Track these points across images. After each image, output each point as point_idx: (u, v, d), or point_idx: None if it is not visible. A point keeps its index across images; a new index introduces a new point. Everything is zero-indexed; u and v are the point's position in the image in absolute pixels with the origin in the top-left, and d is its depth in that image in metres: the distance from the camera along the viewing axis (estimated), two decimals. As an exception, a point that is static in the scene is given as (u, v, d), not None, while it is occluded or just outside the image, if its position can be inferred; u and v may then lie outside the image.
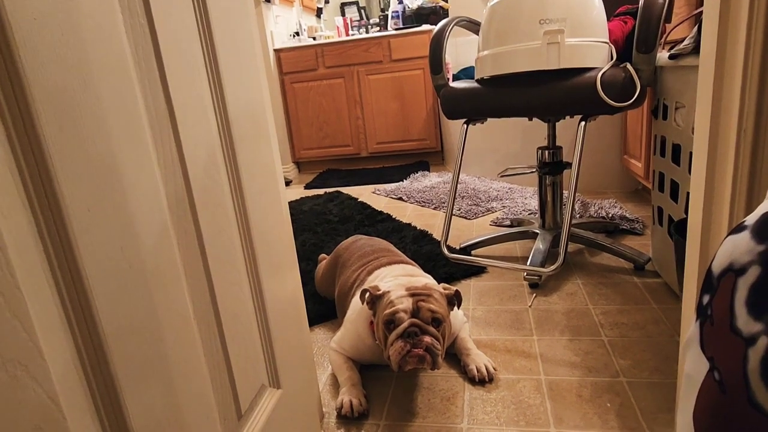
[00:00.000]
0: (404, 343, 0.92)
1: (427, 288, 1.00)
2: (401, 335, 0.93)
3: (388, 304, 0.96)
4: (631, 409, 0.93)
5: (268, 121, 0.74)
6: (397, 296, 0.96)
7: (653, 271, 1.49)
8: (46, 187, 0.34)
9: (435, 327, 0.95)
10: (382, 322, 0.96)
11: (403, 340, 0.92)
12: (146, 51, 0.46)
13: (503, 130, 2.71)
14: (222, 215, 0.59)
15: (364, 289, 1.02)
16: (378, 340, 1.01)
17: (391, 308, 0.94)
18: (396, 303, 0.95)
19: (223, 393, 0.58)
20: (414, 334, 0.93)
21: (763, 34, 0.58)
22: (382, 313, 0.97)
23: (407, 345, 0.92)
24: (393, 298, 0.96)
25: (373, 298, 1.01)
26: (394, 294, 0.97)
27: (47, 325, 0.34)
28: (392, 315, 0.94)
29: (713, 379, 0.32)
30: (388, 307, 0.95)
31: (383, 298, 0.99)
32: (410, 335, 0.92)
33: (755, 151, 0.61)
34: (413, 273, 1.14)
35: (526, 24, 1.30)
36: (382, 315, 0.96)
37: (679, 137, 1.23)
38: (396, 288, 0.99)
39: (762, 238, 0.30)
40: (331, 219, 2.31)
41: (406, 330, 0.93)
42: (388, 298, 0.97)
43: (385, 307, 0.97)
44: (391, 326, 0.95)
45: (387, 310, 0.95)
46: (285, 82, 3.56)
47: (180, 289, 0.49)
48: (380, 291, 1.00)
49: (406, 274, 1.11)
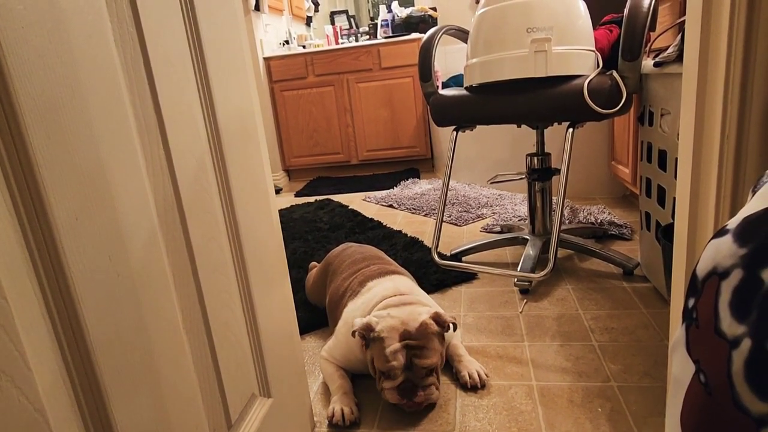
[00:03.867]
0: (400, 397, 0.95)
1: (422, 333, 0.96)
2: (396, 387, 0.95)
3: (383, 356, 0.95)
4: (622, 414, 0.93)
5: (257, 128, 0.74)
6: (391, 351, 0.94)
7: (642, 275, 1.50)
8: (33, 195, 0.34)
9: (429, 375, 0.97)
10: (376, 366, 0.96)
11: (398, 394, 0.95)
12: (135, 59, 0.46)
13: (492, 137, 2.73)
14: (211, 223, 0.59)
15: (355, 330, 0.99)
16: (370, 370, 1.01)
17: (387, 364, 0.94)
18: (390, 359, 0.94)
19: (213, 402, 0.58)
20: (408, 390, 0.95)
21: (744, 43, 0.60)
22: (376, 359, 0.96)
23: (403, 399, 0.95)
24: (387, 352, 0.94)
25: (365, 337, 1.00)
26: (389, 347, 0.94)
27: (34, 335, 0.33)
28: (387, 370, 0.95)
29: (699, 382, 0.32)
30: (383, 358, 0.95)
31: (376, 343, 0.97)
32: (405, 391, 0.95)
33: (738, 157, 0.62)
34: (405, 292, 1.10)
35: (514, 32, 1.32)
36: (377, 362, 0.96)
37: (665, 143, 1.25)
38: (390, 334, 0.96)
39: (744, 242, 0.31)
40: (322, 227, 2.31)
41: (401, 385, 0.95)
42: (382, 347, 0.95)
43: (379, 354, 0.96)
44: (385, 373, 0.96)
45: (382, 362, 0.95)
46: (275, 90, 3.56)
47: (169, 297, 0.49)
48: (375, 333, 0.97)
49: (400, 302, 1.06)
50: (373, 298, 1.10)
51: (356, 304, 1.13)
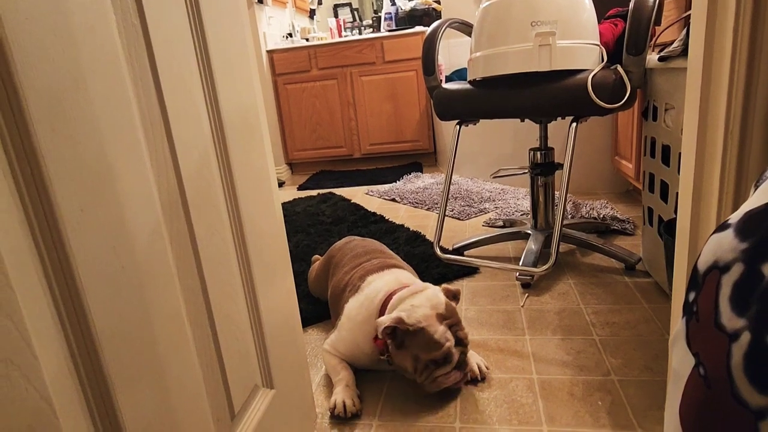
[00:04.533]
0: (460, 373, 0.99)
1: (451, 311, 1.01)
2: (454, 366, 0.98)
3: (431, 343, 0.95)
4: (622, 407, 0.94)
5: (261, 122, 0.74)
6: (441, 333, 0.96)
7: (644, 270, 1.50)
8: (38, 186, 0.35)
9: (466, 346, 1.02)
10: (423, 357, 0.96)
11: (459, 371, 0.99)
12: (139, 52, 0.46)
13: (495, 132, 2.73)
14: (215, 216, 0.59)
15: (389, 326, 0.96)
16: (400, 368, 1.00)
17: (441, 348, 0.95)
18: (443, 341, 0.96)
19: (217, 393, 0.58)
20: (462, 363, 1.00)
21: (749, 38, 0.59)
22: (422, 350, 0.96)
23: (460, 374, 0.99)
24: (438, 337, 0.95)
25: (402, 332, 0.97)
26: (436, 332, 0.96)
27: (40, 324, 0.34)
28: (444, 354, 0.96)
29: (698, 375, 0.32)
30: (432, 345, 0.95)
31: (417, 335, 0.96)
32: (460, 365, 0.99)
33: (742, 152, 0.62)
34: (407, 283, 1.10)
35: (518, 26, 1.31)
36: (423, 353, 0.96)
37: (669, 138, 1.24)
38: (429, 321, 0.97)
39: (745, 236, 0.31)
40: (324, 220, 2.31)
41: (458, 361, 0.99)
42: (427, 335, 0.96)
43: (426, 344, 0.96)
44: (439, 362, 0.97)
45: (431, 350, 0.95)
46: (278, 83, 3.56)
47: (173, 289, 0.49)
48: (411, 327, 0.96)
49: (411, 292, 1.05)
50: (377, 294, 1.09)
51: (359, 300, 1.12)
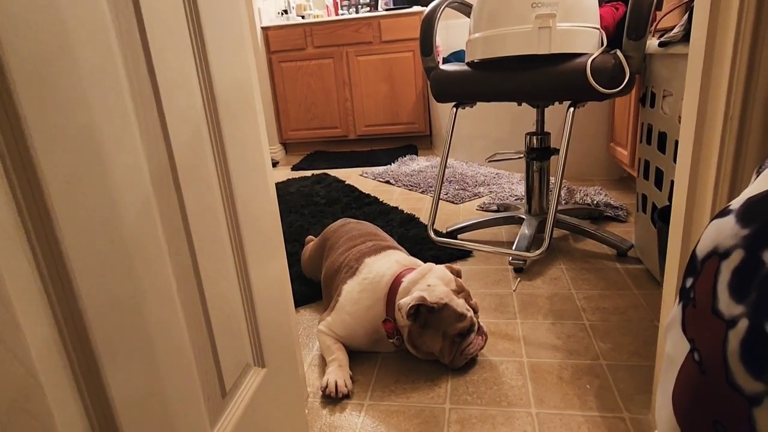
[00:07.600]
0: (481, 338, 1.07)
1: (461, 284, 1.08)
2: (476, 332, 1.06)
3: (455, 316, 1.02)
4: (610, 391, 0.95)
5: (255, 99, 0.72)
6: (462, 306, 1.03)
7: (635, 257, 1.51)
8: (23, 156, 0.33)
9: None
10: (449, 332, 1.02)
11: (480, 336, 1.07)
12: (128, 19, 0.45)
13: (492, 115, 2.71)
14: (207, 193, 0.58)
15: (413, 305, 0.99)
16: (429, 349, 1.04)
17: (464, 320, 1.02)
18: (466, 313, 1.03)
19: (208, 371, 0.58)
20: (480, 328, 1.08)
21: (753, 24, 0.58)
22: (447, 325, 1.02)
23: (481, 338, 1.07)
24: (460, 310, 1.02)
25: (425, 312, 1.02)
26: (458, 306, 1.03)
27: (25, 298, 0.33)
28: (466, 325, 1.02)
29: (693, 360, 0.32)
30: (456, 318, 1.02)
31: (442, 312, 1.02)
32: (478, 330, 1.07)
33: (740, 139, 0.61)
34: (410, 265, 1.13)
35: (518, 7, 1.29)
36: (450, 327, 1.02)
37: (666, 125, 1.24)
38: (450, 297, 1.03)
39: (746, 223, 0.31)
40: (318, 201, 2.30)
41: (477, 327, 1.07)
42: (451, 310, 1.02)
43: (450, 318, 1.01)
44: (464, 333, 1.03)
45: (456, 323, 1.02)
46: (272, 61, 3.50)
47: (163, 265, 0.48)
48: (436, 305, 1.00)
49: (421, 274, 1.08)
50: (382, 278, 1.09)
51: (360, 284, 1.11)
